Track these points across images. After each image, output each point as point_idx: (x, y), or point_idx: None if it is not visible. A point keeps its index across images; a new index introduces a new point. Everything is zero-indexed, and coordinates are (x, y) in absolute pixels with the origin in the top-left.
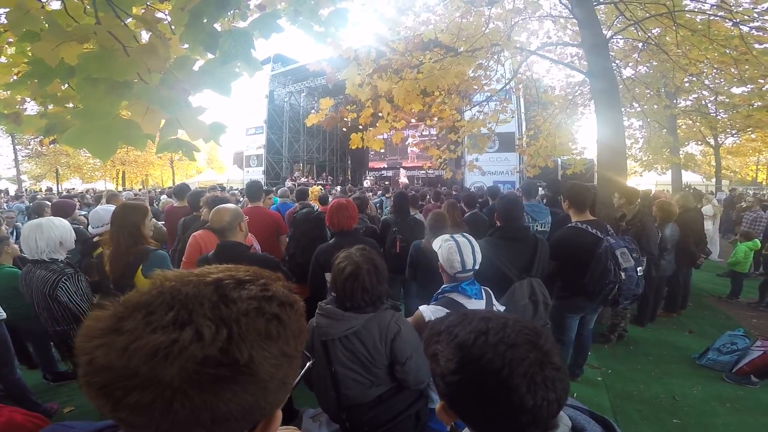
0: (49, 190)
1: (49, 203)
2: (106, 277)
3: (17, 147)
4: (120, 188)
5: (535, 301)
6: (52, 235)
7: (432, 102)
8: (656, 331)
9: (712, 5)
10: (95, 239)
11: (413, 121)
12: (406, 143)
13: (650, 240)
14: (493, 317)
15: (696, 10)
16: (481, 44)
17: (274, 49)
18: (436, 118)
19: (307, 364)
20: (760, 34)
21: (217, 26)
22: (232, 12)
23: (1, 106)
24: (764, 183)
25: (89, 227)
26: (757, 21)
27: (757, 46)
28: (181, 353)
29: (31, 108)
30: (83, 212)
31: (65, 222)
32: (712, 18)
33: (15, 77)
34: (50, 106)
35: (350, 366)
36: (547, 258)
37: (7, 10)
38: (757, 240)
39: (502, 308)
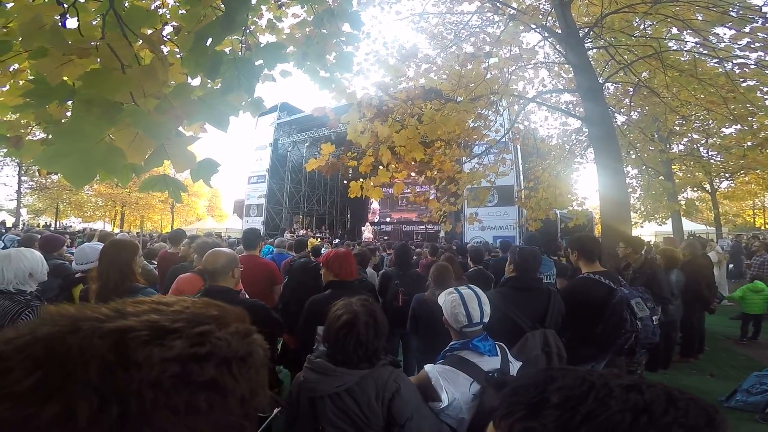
0: (47, 226)
1: (39, 236)
2: None
3: (23, 178)
4: (117, 230)
5: (549, 353)
6: (21, 266)
7: (432, 153)
8: (675, 376)
9: (695, 43)
10: (77, 275)
11: (413, 174)
12: (396, 196)
13: (662, 285)
14: (643, 384)
15: (681, 50)
16: (480, 92)
17: (281, 98)
18: (436, 170)
19: (275, 411)
20: (745, 71)
21: (227, 50)
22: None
23: (5, 128)
24: (763, 228)
25: (74, 264)
26: (739, 58)
27: (743, 83)
28: None
29: (40, 135)
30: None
31: (36, 253)
32: (697, 57)
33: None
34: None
35: (341, 426)
36: (560, 310)
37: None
38: (758, 282)
39: (518, 365)
